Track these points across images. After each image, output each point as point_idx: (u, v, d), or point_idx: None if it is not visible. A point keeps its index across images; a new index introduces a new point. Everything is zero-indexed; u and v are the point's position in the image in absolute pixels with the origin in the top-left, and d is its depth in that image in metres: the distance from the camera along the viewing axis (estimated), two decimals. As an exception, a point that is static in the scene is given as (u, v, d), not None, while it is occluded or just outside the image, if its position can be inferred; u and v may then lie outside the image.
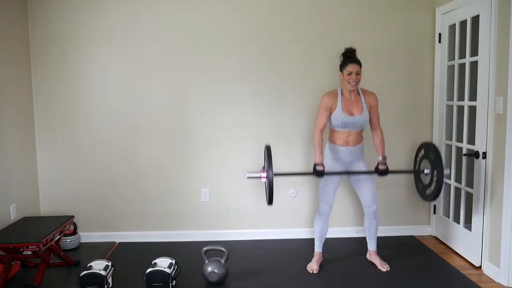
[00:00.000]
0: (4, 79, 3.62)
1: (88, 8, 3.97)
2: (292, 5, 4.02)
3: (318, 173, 3.27)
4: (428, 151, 3.35)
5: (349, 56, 3.29)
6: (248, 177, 3.28)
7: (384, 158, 3.41)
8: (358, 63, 3.27)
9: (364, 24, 4.06)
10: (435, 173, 3.21)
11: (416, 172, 3.49)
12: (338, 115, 3.29)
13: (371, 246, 3.55)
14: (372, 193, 3.42)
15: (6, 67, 3.65)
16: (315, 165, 3.28)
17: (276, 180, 4.18)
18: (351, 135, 3.35)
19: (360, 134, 3.41)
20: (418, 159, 3.50)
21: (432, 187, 3.23)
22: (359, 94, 3.37)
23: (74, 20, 3.98)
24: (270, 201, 3.19)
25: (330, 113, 3.31)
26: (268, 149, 3.21)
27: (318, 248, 3.52)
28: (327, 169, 3.34)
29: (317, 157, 3.30)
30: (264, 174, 3.17)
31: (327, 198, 3.40)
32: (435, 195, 3.21)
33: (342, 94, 3.33)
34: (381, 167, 3.38)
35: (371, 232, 3.52)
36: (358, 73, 3.25)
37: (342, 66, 3.30)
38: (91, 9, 3.97)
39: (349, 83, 3.24)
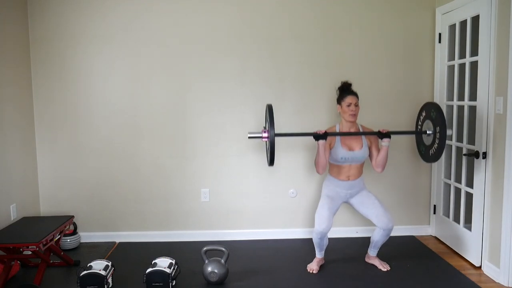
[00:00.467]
0: (4, 79, 3.62)
1: (88, 8, 3.97)
2: (292, 5, 4.02)
3: (319, 136, 3.25)
4: (429, 111, 3.34)
5: (346, 90, 3.36)
6: (249, 137, 3.30)
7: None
8: (356, 95, 3.34)
9: (364, 24, 4.06)
10: (438, 131, 3.18)
11: (418, 133, 3.45)
12: (338, 151, 3.31)
13: (373, 253, 3.54)
14: (383, 208, 3.34)
15: (6, 67, 3.65)
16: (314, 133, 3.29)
17: (277, 180, 4.18)
18: (351, 169, 3.37)
19: (361, 168, 3.43)
20: (420, 121, 3.48)
21: (435, 146, 3.21)
22: (358, 129, 3.41)
23: (74, 20, 3.98)
24: (271, 161, 3.20)
25: (330, 148, 3.33)
26: (270, 109, 3.19)
27: (319, 255, 3.49)
28: (326, 202, 3.32)
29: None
30: (265, 134, 3.18)
31: (325, 219, 3.27)
32: (437, 154, 3.19)
33: (340, 131, 3.37)
34: (382, 130, 3.31)
35: (378, 245, 3.47)
36: (356, 105, 3.31)
37: (340, 99, 3.36)
38: (91, 9, 3.97)
39: (349, 114, 3.28)
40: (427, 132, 3.32)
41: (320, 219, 3.28)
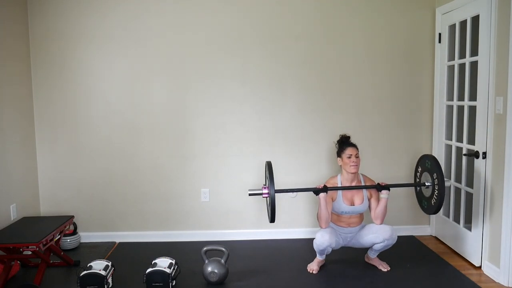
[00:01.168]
0: (4, 79, 3.62)
1: (88, 7, 3.97)
2: (293, 5, 4.02)
3: (319, 190, 3.25)
4: (424, 162, 3.40)
5: (345, 142, 3.37)
6: (250, 194, 3.30)
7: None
8: (356, 146, 3.35)
9: (364, 24, 4.06)
10: (435, 177, 3.22)
11: (417, 185, 3.47)
12: (339, 206, 3.33)
13: (372, 254, 3.52)
14: (379, 227, 3.34)
15: (6, 67, 3.65)
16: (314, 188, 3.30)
17: (276, 181, 4.17)
18: (352, 218, 3.39)
19: (362, 216, 3.45)
20: (418, 175, 3.51)
21: (435, 194, 3.23)
22: (360, 181, 3.40)
23: (74, 20, 3.98)
24: (272, 219, 3.21)
25: (332, 201, 3.34)
26: (269, 166, 3.23)
27: (320, 257, 3.47)
28: (327, 242, 3.28)
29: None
30: (265, 191, 3.20)
31: (325, 233, 3.26)
32: (439, 203, 3.18)
33: (342, 183, 3.35)
34: (382, 183, 3.32)
35: (378, 250, 3.44)
36: (357, 156, 3.31)
37: (340, 152, 3.37)
38: (91, 9, 3.97)
39: (351, 166, 3.27)
40: (426, 184, 3.33)
41: (323, 232, 3.27)
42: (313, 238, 3.44)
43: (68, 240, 3.97)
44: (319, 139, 4.12)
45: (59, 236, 3.49)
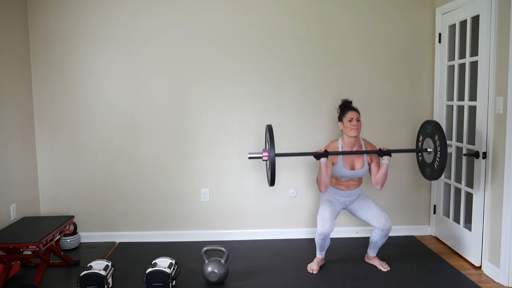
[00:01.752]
0: (4, 79, 3.62)
1: (88, 7, 3.97)
2: (293, 5, 4.02)
3: (320, 155, 3.24)
4: (425, 128, 3.36)
5: (347, 106, 3.35)
6: (250, 157, 3.28)
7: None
8: (357, 110, 3.33)
9: (364, 24, 4.06)
10: (436, 139, 3.17)
11: (419, 151, 3.44)
12: (339, 170, 3.32)
13: (372, 253, 3.53)
14: (380, 210, 3.36)
15: (6, 67, 3.65)
16: (315, 152, 3.28)
17: (277, 180, 4.18)
18: (351, 180, 3.41)
19: (361, 179, 3.47)
20: (420, 141, 3.46)
21: (437, 157, 3.19)
22: (361, 145, 3.40)
23: (74, 20, 3.98)
24: (272, 182, 3.19)
25: (332, 165, 3.33)
26: (270, 129, 3.19)
27: (320, 255, 3.49)
28: (328, 205, 3.34)
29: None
30: (265, 154, 3.17)
31: (327, 220, 3.26)
32: (442, 165, 3.13)
33: (342, 146, 3.35)
34: (383, 148, 3.32)
35: (377, 245, 3.47)
36: (358, 120, 3.29)
37: (341, 116, 3.34)
38: (91, 8, 3.97)
39: (351, 129, 3.27)
40: (428, 149, 3.31)
41: (322, 220, 3.28)
42: (313, 238, 3.45)
43: (68, 240, 3.97)
44: (319, 138, 4.12)
45: (59, 236, 3.49)
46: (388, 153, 3.29)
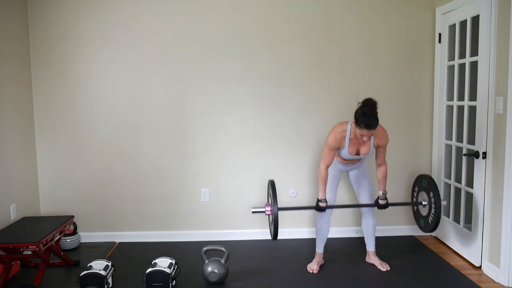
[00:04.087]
0: (4, 79, 3.62)
1: (88, 7, 3.97)
2: (292, 5, 4.02)
3: (320, 208, 3.30)
4: (421, 182, 3.50)
5: (369, 124, 2.99)
6: (253, 212, 3.33)
7: (385, 193, 3.37)
8: (374, 128, 3.03)
9: (364, 24, 4.06)
10: (432, 196, 3.31)
11: (414, 204, 3.57)
12: (344, 154, 3.29)
13: (370, 246, 3.55)
14: (369, 192, 3.46)
15: (6, 67, 3.65)
16: (318, 200, 3.30)
17: (277, 180, 4.17)
18: (354, 160, 3.38)
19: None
20: (415, 194, 3.60)
21: (432, 213, 3.32)
22: (370, 141, 3.26)
23: (74, 20, 3.98)
24: (275, 236, 3.23)
25: (338, 148, 3.27)
26: (272, 184, 3.25)
27: (319, 249, 3.51)
28: (327, 223, 3.46)
29: (321, 193, 3.29)
30: (268, 208, 3.24)
31: (327, 192, 3.40)
32: (436, 221, 3.28)
33: (351, 133, 3.21)
34: (381, 201, 3.37)
35: (369, 232, 3.52)
36: (371, 135, 3.12)
37: (357, 123, 3.06)
38: (91, 9, 3.97)
39: (359, 139, 3.16)
40: (423, 202, 3.43)
41: (322, 219, 3.31)
42: (314, 238, 3.45)
43: (68, 240, 3.97)
44: (319, 138, 4.12)
45: (59, 236, 3.49)
46: (385, 206, 3.36)
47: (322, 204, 3.29)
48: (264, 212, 3.26)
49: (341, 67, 4.08)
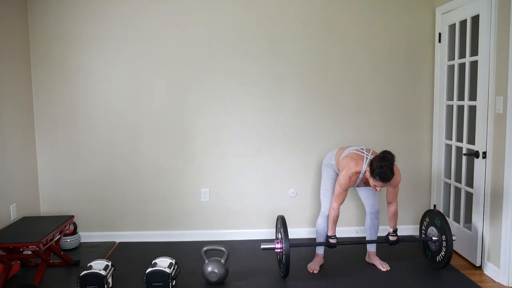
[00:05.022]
0: (4, 79, 3.62)
1: (88, 7, 3.97)
2: (293, 5, 4.02)
3: (331, 245, 3.26)
4: (433, 218, 3.45)
5: (384, 178, 2.91)
6: (263, 249, 3.25)
7: (395, 230, 3.33)
8: (389, 181, 2.95)
9: (364, 24, 4.06)
10: (444, 239, 3.27)
11: (424, 240, 3.51)
12: (354, 185, 3.27)
13: (371, 247, 3.55)
14: (374, 193, 3.43)
15: (6, 67, 3.65)
16: (328, 237, 3.26)
17: (277, 180, 4.18)
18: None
19: None
20: (424, 226, 3.58)
21: (442, 253, 3.30)
22: None
23: (74, 20, 3.98)
24: (286, 273, 3.17)
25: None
26: (282, 220, 3.19)
27: (319, 250, 3.51)
28: (331, 183, 3.40)
29: (331, 230, 3.25)
30: (278, 245, 3.16)
31: (328, 199, 3.40)
32: (446, 261, 3.27)
33: (365, 172, 3.10)
34: (391, 238, 3.33)
35: (372, 233, 3.52)
36: (384, 186, 3.03)
37: (372, 174, 2.95)
38: (91, 8, 3.97)
39: (372, 187, 3.08)
40: (433, 238, 3.41)
41: (327, 202, 3.31)
42: (314, 238, 3.45)
43: (68, 240, 3.97)
44: (320, 138, 4.12)
45: (59, 236, 3.49)
46: (395, 243, 3.33)
47: (332, 241, 3.25)
48: (274, 248, 3.20)
49: (341, 67, 4.08)
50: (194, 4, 4.00)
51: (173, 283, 3.13)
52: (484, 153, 3.34)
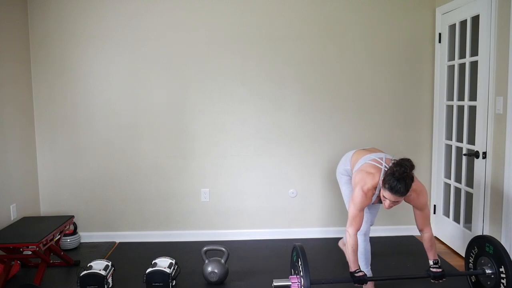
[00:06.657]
0: (4, 79, 3.62)
1: (88, 7, 3.97)
2: (293, 5, 4.02)
3: (359, 280, 2.63)
4: (483, 245, 2.80)
5: (393, 187, 2.48)
6: (275, 286, 2.64)
7: (436, 261, 2.80)
8: (404, 194, 2.52)
9: (364, 24, 4.06)
10: (503, 271, 2.61)
11: (475, 274, 2.83)
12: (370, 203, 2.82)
13: (364, 265, 3.08)
14: (375, 207, 3.12)
15: (6, 67, 3.65)
16: (352, 273, 2.64)
17: (277, 180, 4.18)
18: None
19: None
20: (471, 259, 2.94)
21: None
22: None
23: (74, 19, 3.98)
24: None
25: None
26: (302, 250, 2.58)
27: (366, 267, 3.00)
28: (340, 178, 3.14)
29: (353, 264, 2.66)
30: (295, 281, 2.55)
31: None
32: None
33: (378, 192, 2.72)
34: (434, 270, 2.76)
35: (367, 258, 3.06)
36: (397, 201, 2.57)
37: (382, 183, 2.56)
38: (91, 8, 3.97)
39: (384, 204, 2.62)
40: (486, 271, 2.73)
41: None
42: (314, 238, 3.44)
43: (68, 240, 3.97)
44: (320, 138, 4.12)
45: (59, 236, 3.49)
46: (441, 277, 2.73)
47: (359, 274, 2.62)
48: (289, 286, 2.58)
49: (341, 67, 4.08)
50: (194, 4, 4.00)
51: (173, 283, 3.13)
52: (484, 153, 3.34)
